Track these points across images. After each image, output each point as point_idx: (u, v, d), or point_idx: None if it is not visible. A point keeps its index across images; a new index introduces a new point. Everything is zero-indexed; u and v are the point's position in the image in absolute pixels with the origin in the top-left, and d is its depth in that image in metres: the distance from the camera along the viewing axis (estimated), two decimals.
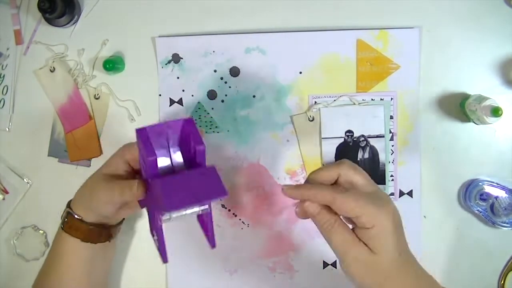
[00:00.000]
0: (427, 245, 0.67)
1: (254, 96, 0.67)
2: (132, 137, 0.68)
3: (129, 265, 0.68)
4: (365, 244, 0.44)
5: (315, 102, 0.67)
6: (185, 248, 0.68)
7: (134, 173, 0.56)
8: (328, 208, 0.46)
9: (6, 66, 0.68)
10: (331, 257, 0.67)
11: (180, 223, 0.51)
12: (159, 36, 0.67)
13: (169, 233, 0.68)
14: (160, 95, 0.67)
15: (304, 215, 0.48)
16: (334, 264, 0.67)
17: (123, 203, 0.54)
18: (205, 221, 0.51)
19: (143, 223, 0.68)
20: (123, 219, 0.62)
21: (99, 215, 0.56)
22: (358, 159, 0.67)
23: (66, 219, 0.56)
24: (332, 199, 0.44)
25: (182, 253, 0.68)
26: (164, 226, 0.50)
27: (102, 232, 0.58)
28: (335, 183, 0.48)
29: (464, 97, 0.66)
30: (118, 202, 0.53)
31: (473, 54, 0.67)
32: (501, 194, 0.66)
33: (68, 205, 0.58)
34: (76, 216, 0.56)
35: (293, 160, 0.67)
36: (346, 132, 0.67)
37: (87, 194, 0.56)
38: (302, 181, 0.67)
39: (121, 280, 0.68)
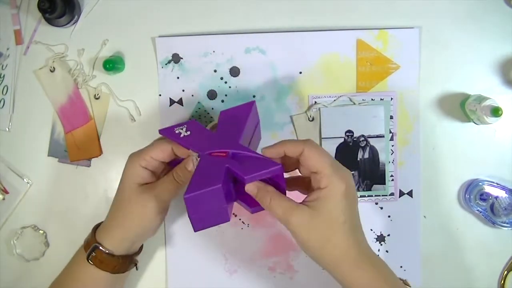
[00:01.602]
0: (427, 245, 0.67)
1: (254, 96, 0.67)
2: (132, 136, 0.68)
3: None
4: (309, 206, 0.47)
5: (315, 102, 0.67)
6: (185, 248, 0.68)
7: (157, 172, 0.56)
8: (265, 185, 0.50)
9: (6, 66, 0.68)
10: None
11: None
12: (159, 36, 0.67)
13: (169, 233, 0.68)
14: (160, 95, 0.67)
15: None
16: None
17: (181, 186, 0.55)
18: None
19: None
20: (142, 247, 0.61)
21: (134, 240, 0.56)
22: (358, 159, 0.67)
23: (94, 253, 0.54)
24: (302, 150, 0.48)
25: (182, 253, 0.68)
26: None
27: (129, 262, 0.57)
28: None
29: (464, 97, 0.66)
30: (176, 192, 0.55)
31: (473, 54, 0.67)
32: (501, 194, 0.66)
33: (94, 234, 0.56)
34: (106, 251, 0.54)
35: None
36: (346, 132, 0.67)
37: (119, 220, 0.55)
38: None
39: None
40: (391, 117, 0.67)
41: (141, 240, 0.59)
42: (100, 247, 0.54)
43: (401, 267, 0.67)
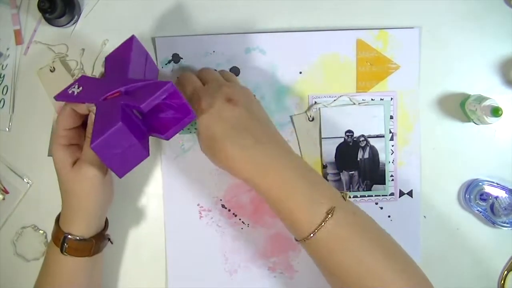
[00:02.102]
0: (427, 245, 0.67)
1: (254, 96, 0.67)
2: None
3: (129, 265, 0.68)
4: None
5: (315, 102, 0.67)
6: (185, 248, 0.68)
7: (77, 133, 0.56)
8: None
9: (6, 66, 0.68)
10: None
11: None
12: (159, 36, 0.67)
13: (170, 233, 0.68)
14: None
15: None
16: None
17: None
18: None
19: (142, 224, 0.68)
20: (107, 221, 0.61)
21: (98, 215, 0.56)
22: (358, 159, 0.67)
23: (66, 244, 0.54)
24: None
25: (182, 253, 0.68)
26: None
27: (102, 239, 0.58)
28: None
29: (464, 97, 0.66)
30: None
31: (473, 54, 0.67)
32: (501, 194, 0.66)
33: (58, 226, 0.56)
34: (77, 237, 0.54)
35: None
36: (346, 132, 0.67)
37: (75, 206, 0.54)
38: None
39: (121, 280, 0.68)
40: (391, 117, 0.67)
41: (104, 211, 0.58)
42: (70, 236, 0.54)
43: None
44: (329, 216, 0.48)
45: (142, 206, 0.68)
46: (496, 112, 0.60)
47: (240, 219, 0.68)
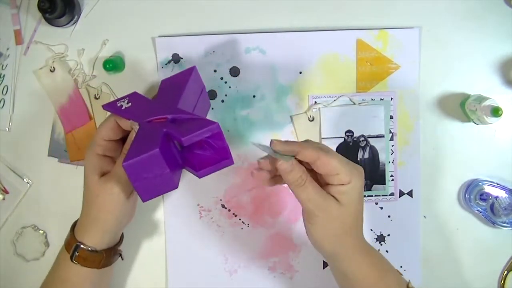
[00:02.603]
0: (427, 245, 0.67)
1: (254, 96, 0.67)
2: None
3: (129, 265, 0.68)
4: (336, 199, 0.49)
5: (315, 102, 0.67)
6: (185, 247, 0.68)
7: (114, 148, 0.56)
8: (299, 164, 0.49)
9: (6, 66, 0.68)
10: None
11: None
12: (159, 36, 0.67)
13: (170, 233, 0.68)
14: None
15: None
16: None
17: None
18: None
19: (142, 224, 0.68)
20: (123, 237, 0.61)
21: (113, 231, 0.56)
22: (358, 159, 0.67)
23: (77, 252, 0.54)
24: (317, 156, 0.48)
25: (182, 253, 0.68)
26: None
27: (114, 253, 0.57)
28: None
29: (464, 97, 0.66)
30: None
31: (473, 54, 0.67)
32: (501, 194, 0.66)
33: (73, 233, 0.56)
34: (88, 248, 0.54)
35: None
36: (346, 132, 0.67)
37: (93, 215, 0.54)
38: None
39: (121, 280, 0.68)
40: (391, 117, 0.67)
41: (121, 228, 0.58)
42: (82, 246, 0.54)
43: (401, 267, 0.67)
44: None
45: (142, 206, 0.68)
46: (496, 112, 0.60)
47: (240, 219, 0.68)
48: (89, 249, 0.54)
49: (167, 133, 0.50)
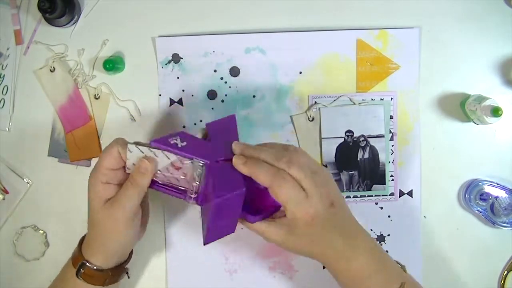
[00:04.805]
0: (427, 245, 0.67)
1: (254, 96, 0.67)
2: (132, 136, 0.68)
3: (129, 265, 0.68)
4: (282, 224, 0.51)
5: (315, 102, 0.67)
6: (185, 248, 0.68)
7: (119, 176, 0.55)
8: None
9: (6, 66, 0.68)
10: None
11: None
12: (159, 36, 0.67)
13: (170, 233, 0.68)
14: (160, 95, 0.67)
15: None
16: None
17: (141, 195, 0.54)
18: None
19: None
20: (132, 254, 0.61)
21: (120, 253, 0.56)
22: (358, 159, 0.67)
23: (82, 269, 0.54)
24: (269, 184, 0.49)
25: (182, 253, 0.68)
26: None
27: (120, 272, 0.57)
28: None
29: (464, 97, 0.66)
30: (139, 196, 0.53)
31: (473, 54, 0.67)
32: (501, 194, 0.66)
33: (80, 250, 0.55)
34: (94, 267, 0.54)
35: None
36: (346, 132, 0.67)
37: (98, 239, 0.54)
38: None
39: (122, 280, 0.68)
40: (391, 117, 0.67)
41: (128, 249, 0.58)
42: (88, 264, 0.54)
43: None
44: None
45: None
46: (496, 112, 0.60)
47: None
48: (95, 268, 0.54)
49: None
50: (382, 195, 0.67)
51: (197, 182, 0.52)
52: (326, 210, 0.50)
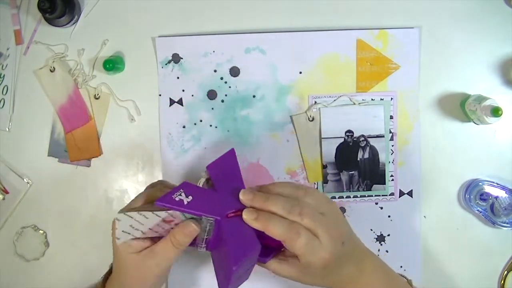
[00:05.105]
0: (427, 245, 0.67)
1: (254, 96, 0.67)
2: (132, 137, 0.68)
3: None
4: (293, 262, 0.51)
5: (315, 102, 0.67)
6: (185, 248, 0.67)
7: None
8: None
9: (6, 66, 0.68)
10: None
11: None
12: (159, 36, 0.67)
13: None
14: (160, 95, 0.67)
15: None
16: None
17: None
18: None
19: None
20: None
21: None
22: (358, 159, 0.67)
23: None
24: (284, 238, 0.48)
25: (182, 253, 0.67)
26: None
27: None
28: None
29: (464, 97, 0.66)
30: (176, 256, 0.53)
31: (473, 54, 0.67)
32: (501, 194, 0.66)
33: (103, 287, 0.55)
34: None
35: (293, 160, 0.67)
36: (346, 132, 0.67)
37: (125, 284, 0.54)
38: (302, 182, 0.67)
39: None
40: (391, 117, 0.67)
41: None
42: None
43: (401, 267, 0.67)
44: None
45: None
46: (496, 112, 0.60)
47: None
48: None
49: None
50: (382, 195, 0.67)
51: (206, 236, 0.51)
52: (339, 250, 0.50)
